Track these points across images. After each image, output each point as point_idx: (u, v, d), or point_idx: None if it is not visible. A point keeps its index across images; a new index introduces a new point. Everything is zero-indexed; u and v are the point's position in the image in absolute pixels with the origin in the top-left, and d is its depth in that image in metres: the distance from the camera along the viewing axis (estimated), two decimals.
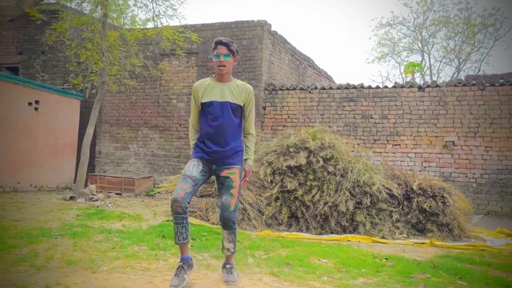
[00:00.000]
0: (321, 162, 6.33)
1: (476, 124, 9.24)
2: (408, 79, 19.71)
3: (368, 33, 53.03)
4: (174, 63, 11.79)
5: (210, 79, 3.51)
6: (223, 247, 3.47)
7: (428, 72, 25.91)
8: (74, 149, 11.93)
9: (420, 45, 26.69)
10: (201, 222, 6.28)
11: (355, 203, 6.08)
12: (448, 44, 26.08)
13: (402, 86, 10.01)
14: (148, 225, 6.03)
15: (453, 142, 9.37)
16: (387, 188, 6.15)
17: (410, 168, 9.05)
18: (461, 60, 25.49)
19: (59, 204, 8.17)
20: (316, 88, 10.63)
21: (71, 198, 8.85)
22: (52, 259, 3.84)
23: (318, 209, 6.06)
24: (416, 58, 36.14)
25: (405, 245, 5.43)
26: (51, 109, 11.31)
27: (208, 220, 6.33)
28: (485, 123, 9.18)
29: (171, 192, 7.52)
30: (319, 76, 15.31)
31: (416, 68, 20.78)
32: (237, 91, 3.43)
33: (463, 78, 10.74)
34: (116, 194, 10.36)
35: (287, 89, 10.85)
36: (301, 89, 10.75)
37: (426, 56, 26.60)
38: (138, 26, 11.76)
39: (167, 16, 10.01)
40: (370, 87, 10.25)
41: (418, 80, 22.11)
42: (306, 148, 6.52)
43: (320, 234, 5.94)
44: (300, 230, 6.08)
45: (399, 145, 9.79)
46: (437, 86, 9.69)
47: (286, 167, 6.39)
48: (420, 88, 9.82)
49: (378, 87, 10.26)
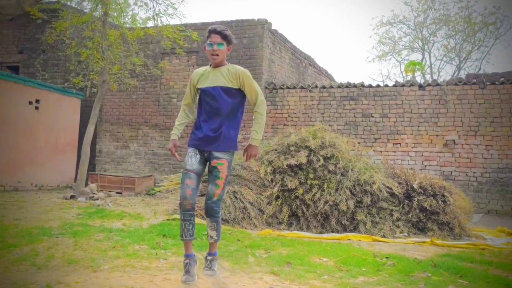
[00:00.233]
0: (322, 161, 6.32)
1: (477, 123, 9.23)
2: (408, 78, 19.69)
3: (369, 31, 53.03)
4: (174, 62, 11.79)
5: (208, 66, 3.59)
6: (207, 235, 3.57)
7: (428, 70, 25.93)
8: (75, 148, 11.93)
9: (420, 43, 26.70)
10: (201, 221, 6.27)
11: (355, 202, 6.08)
12: (448, 42, 26.09)
13: (403, 85, 10.01)
14: (149, 224, 6.03)
15: (454, 140, 9.37)
16: (387, 187, 6.14)
17: (411, 167, 9.05)
18: (461, 59, 25.49)
19: (59, 203, 8.18)
20: (316, 87, 10.62)
21: (72, 197, 8.85)
22: (53, 258, 3.84)
23: (319, 208, 6.06)
24: (416, 56, 36.14)
25: (405, 244, 5.43)
26: (52, 108, 11.31)
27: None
28: (485, 121, 9.18)
29: (171, 191, 7.53)
30: (319, 75, 15.30)
31: (417, 66, 20.79)
32: (229, 75, 3.45)
33: (463, 76, 10.73)
34: (117, 193, 10.36)
35: (288, 87, 10.84)
36: (302, 88, 10.75)
37: (426, 55, 26.62)
38: (138, 25, 11.75)
39: (168, 15, 10.04)
40: (370, 86, 10.24)
41: (419, 79, 22.09)
42: (306, 147, 6.52)
43: (321, 233, 5.94)
44: (301, 229, 6.07)
45: (400, 144, 9.79)
46: (438, 84, 9.68)
47: (286, 166, 6.38)
48: (421, 86, 9.81)
49: (378, 86, 10.25)
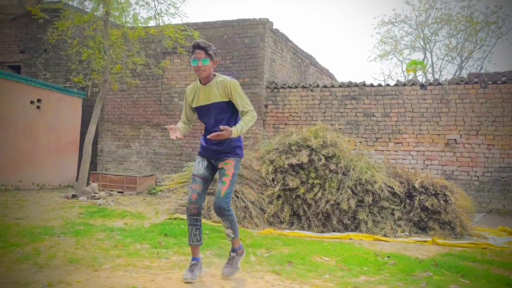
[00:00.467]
0: (323, 160, 6.32)
1: (478, 122, 9.22)
2: (410, 77, 19.67)
3: (370, 31, 52.98)
4: (176, 62, 11.79)
5: (198, 82, 3.55)
6: (225, 233, 3.61)
7: (430, 70, 25.88)
8: (76, 147, 11.94)
9: (422, 43, 26.64)
10: (203, 220, 6.28)
11: (357, 201, 6.08)
12: (450, 42, 26.02)
13: (404, 84, 9.99)
14: (150, 223, 6.04)
15: (455, 140, 9.36)
16: (389, 186, 6.14)
17: (412, 166, 9.04)
18: (463, 58, 25.44)
19: (61, 202, 8.19)
20: (318, 86, 10.62)
21: (73, 196, 8.87)
22: (55, 257, 3.85)
23: (320, 207, 6.05)
24: (418, 56, 36.04)
25: (407, 243, 5.43)
26: (53, 108, 11.33)
27: (210, 218, 6.34)
28: (487, 121, 9.16)
29: (173, 190, 7.53)
30: (321, 74, 15.29)
31: (418, 66, 20.73)
32: (218, 88, 3.44)
33: (465, 76, 10.71)
34: (118, 192, 10.38)
35: (289, 87, 10.84)
36: (303, 87, 10.74)
37: (428, 54, 26.56)
38: (140, 25, 11.71)
39: (169, 14, 10.00)
40: (372, 85, 10.22)
41: (420, 78, 22.05)
42: (308, 146, 6.51)
43: (322, 232, 5.94)
44: (302, 228, 6.08)
45: (401, 143, 9.78)
46: (439, 84, 9.67)
47: (288, 165, 6.38)
48: (422, 86, 9.80)
49: (380, 85, 10.24)
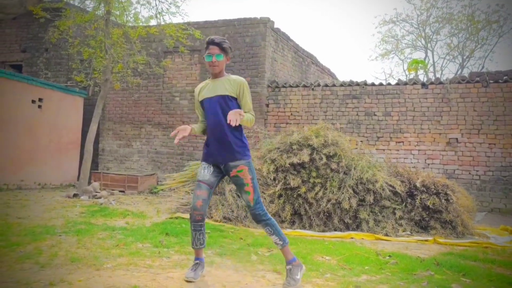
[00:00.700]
0: (324, 159, 6.31)
1: (480, 121, 9.20)
2: (411, 76, 19.66)
3: (372, 30, 52.90)
4: (177, 61, 11.79)
5: (208, 79, 3.60)
6: (273, 241, 3.49)
7: (431, 69, 25.83)
8: (78, 146, 11.95)
9: (423, 42, 26.61)
10: (207, 220, 6.28)
11: (358, 201, 6.07)
12: (451, 41, 26.00)
13: (406, 83, 9.98)
14: (152, 223, 6.04)
15: (457, 139, 9.34)
16: (390, 186, 6.13)
17: (414, 165, 9.03)
18: (464, 57, 25.39)
19: (62, 201, 8.20)
20: (319, 85, 10.61)
21: (75, 195, 8.87)
22: (56, 256, 3.85)
23: (321, 206, 6.05)
24: (419, 55, 36.02)
25: (408, 242, 5.43)
26: (55, 107, 11.33)
27: (211, 217, 6.34)
28: (488, 120, 9.15)
29: (174, 190, 7.53)
30: (322, 73, 15.28)
31: (420, 65, 20.73)
32: (229, 84, 3.45)
33: (466, 75, 10.69)
34: (120, 191, 10.38)
35: (290, 86, 10.83)
36: (304, 86, 10.73)
37: (429, 53, 26.56)
38: (141, 24, 11.76)
39: (170, 14, 10.04)
40: (373, 84, 10.21)
41: (422, 77, 22.04)
42: (309, 145, 6.51)
43: (323, 231, 5.94)
44: (303, 227, 6.08)
45: (403, 142, 9.77)
46: (441, 83, 9.65)
47: (289, 164, 6.38)
48: (424, 85, 9.78)
49: (381, 84, 10.22)
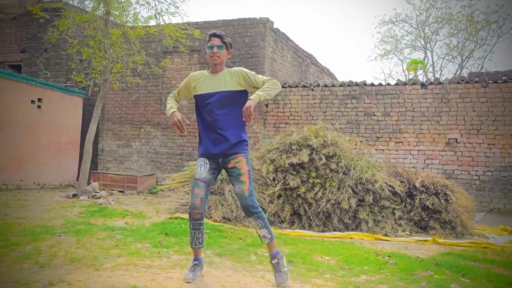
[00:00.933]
0: (324, 160, 6.32)
1: (479, 121, 9.21)
2: (410, 76, 19.66)
3: (371, 30, 52.93)
4: (176, 61, 11.79)
5: (206, 71, 3.52)
6: (259, 237, 3.43)
7: (431, 69, 25.84)
8: (77, 146, 11.95)
9: (423, 42, 26.61)
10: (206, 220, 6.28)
11: (357, 201, 6.07)
12: (451, 41, 26.01)
13: (405, 84, 9.99)
14: (151, 223, 6.04)
15: (456, 139, 9.35)
16: (389, 186, 6.14)
17: (413, 166, 9.03)
18: (464, 57, 25.41)
19: (62, 201, 8.19)
20: (318, 85, 10.61)
21: (74, 195, 8.87)
22: (55, 256, 3.85)
23: (321, 206, 6.05)
24: (418, 55, 36.06)
25: (407, 243, 5.43)
26: (54, 107, 11.33)
27: (211, 217, 6.34)
28: (488, 120, 9.15)
29: (174, 190, 7.53)
30: (321, 74, 15.28)
31: (419, 65, 20.73)
32: (230, 78, 3.41)
33: (466, 75, 10.70)
34: (119, 191, 10.38)
35: (290, 86, 10.83)
36: (304, 86, 10.73)
37: (429, 53, 26.56)
38: (140, 24, 11.72)
39: (170, 14, 9.99)
40: (372, 85, 10.22)
41: (421, 77, 22.04)
42: (308, 146, 6.51)
43: (323, 231, 5.94)
44: (303, 228, 6.08)
45: (402, 142, 9.77)
46: (440, 83, 9.66)
47: (288, 164, 6.38)
48: (423, 85, 9.79)
49: (380, 85, 10.23)
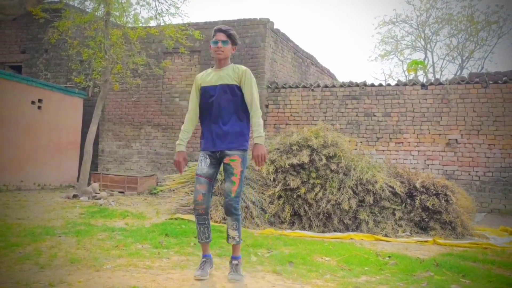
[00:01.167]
0: (324, 160, 6.32)
1: (479, 122, 9.21)
2: (411, 77, 19.65)
3: (371, 31, 52.92)
4: (176, 62, 11.79)
5: (211, 68, 3.63)
6: (228, 236, 3.51)
7: (431, 70, 25.86)
8: (77, 147, 11.95)
9: (423, 42, 26.63)
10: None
11: (358, 201, 6.07)
12: (451, 41, 26.01)
13: (405, 84, 9.99)
14: (151, 223, 6.04)
15: (456, 140, 9.35)
16: (390, 186, 6.13)
17: (413, 166, 9.03)
18: (464, 58, 25.42)
19: (62, 202, 8.19)
20: (319, 86, 10.61)
21: (74, 196, 8.87)
22: (56, 257, 3.85)
23: (321, 207, 6.05)
24: (419, 56, 36.03)
25: (408, 243, 5.42)
26: (54, 108, 11.34)
27: (211, 218, 6.33)
28: (488, 120, 9.15)
29: (174, 191, 7.53)
30: (322, 74, 15.28)
31: (419, 66, 20.73)
32: (233, 73, 3.50)
33: (466, 75, 10.70)
34: (119, 192, 10.38)
35: (290, 87, 10.84)
36: (304, 87, 10.74)
37: (429, 54, 26.56)
38: (140, 25, 11.74)
39: (170, 14, 10.03)
40: (373, 85, 10.22)
41: (421, 78, 22.04)
42: (309, 146, 6.51)
43: (323, 232, 5.94)
44: (303, 228, 6.07)
45: (402, 143, 9.77)
46: (440, 84, 9.66)
47: (289, 165, 6.38)
48: (423, 86, 9.79)
49: (381, 85, 10.24)
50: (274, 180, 6.48)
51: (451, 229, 5.90)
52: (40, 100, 10.90)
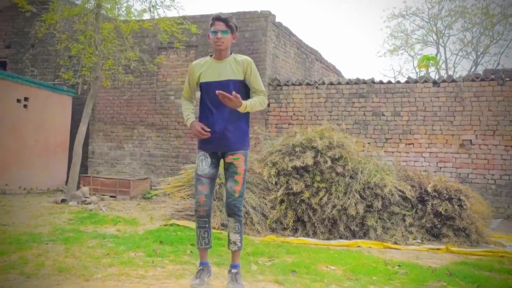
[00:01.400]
0: (329, 163, 6.32)
1: (495, 122, 9.21)
2: (422, 74, 19.67)
3: (380, 24, 52.98)
4: (172, 57, 11.81)
5: (209, 58, 3.59)
6: (229, 241, 3.51)
7: (443, 66, 25.84)
8: (66, 148, 11.96)
9: (435, 37, 26.62)
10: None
11: (365, 206, 6.08)
12: (465, 36, 25.99)
13: (416, 81, 10.00)
14: (145, 230, 6.04)
15: (471, 141, 9.35)
16: (399, 190, 6.14)
17: (425, 169, 9.03)
18: (479, 53, 25.41)
19: (50, 207, 8.20)
20: (323, 83, 10.62)
21: (63, 201, 8.87)
22: (43, 266, 3.85)
23: (326, 212, 6.06)
24: (430, 51, 36.10)
25: (419, 251, 5.43)
26: (41, 106, 11.35)
27: None
28: (504, 120, 9.15)
29: (169, 195, 7.54)
30: (327, 71, 15.30)
31: (431, 61, 20.72)
32: (236, 66, 3.48)
33: (481, 72, 10.71)
34: (111, 196, 10.39)
35: (293, 84, 10.85)
36: (308, 84, 10.75)
37: (441, 49, 26.53)
38: (133, 18, 11.74)
39: (165, 7, 10.00)
40: (381, 82, 10.23)
41: (433, 75, 22.05)
42: (313, 148, 6.52)
43: (328, 239, 5.95)
44: (307, 235, 6.08)
45: (413, 144, 9.77)
46: (453, 81, 9.67)
47: (291, 167, 6.39)
48: (435, 83, 9.80)
49: (390, 82, 10.25)
50: (276, 183, 6.49)
51: (465, 236, 5.90)
52: (26, 98, 10.91)
